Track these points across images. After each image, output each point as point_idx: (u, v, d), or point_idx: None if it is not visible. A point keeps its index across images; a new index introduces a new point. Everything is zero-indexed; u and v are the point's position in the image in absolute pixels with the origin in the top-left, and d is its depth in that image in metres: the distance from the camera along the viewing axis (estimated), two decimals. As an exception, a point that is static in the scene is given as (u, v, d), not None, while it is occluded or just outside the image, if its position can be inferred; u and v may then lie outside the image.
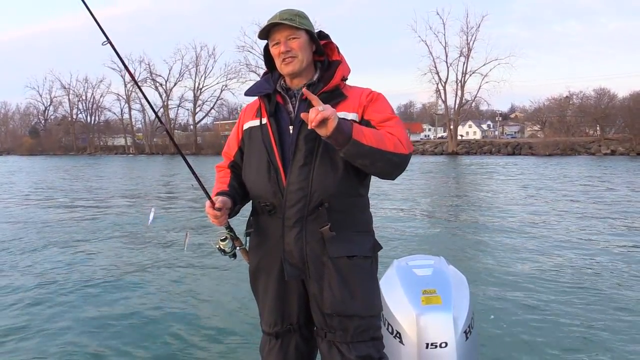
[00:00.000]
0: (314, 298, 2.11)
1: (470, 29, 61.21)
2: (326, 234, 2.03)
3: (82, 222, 11.03)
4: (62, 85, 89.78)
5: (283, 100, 2.14)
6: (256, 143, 2.14)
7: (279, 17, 2.05)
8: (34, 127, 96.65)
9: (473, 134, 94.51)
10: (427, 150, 60.64)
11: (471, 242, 8.27)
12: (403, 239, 8.17)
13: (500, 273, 6.20)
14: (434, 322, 2.45)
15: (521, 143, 56.32)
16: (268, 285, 2.19)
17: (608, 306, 4.89)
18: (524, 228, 9.40)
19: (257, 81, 2.27)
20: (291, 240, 2.07)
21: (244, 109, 2.31)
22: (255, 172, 2.12)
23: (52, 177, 27.74)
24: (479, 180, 22.43)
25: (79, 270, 6.64)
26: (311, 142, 2.02)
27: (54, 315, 4.89)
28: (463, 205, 13.42)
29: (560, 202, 13.33)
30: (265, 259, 2.17)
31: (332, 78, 2.10)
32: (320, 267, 2.06)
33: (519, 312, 4.79)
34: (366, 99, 2.10)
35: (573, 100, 62.89)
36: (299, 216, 2.04)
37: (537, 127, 66.42)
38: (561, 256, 7.03)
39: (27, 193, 18.30)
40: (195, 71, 76.63)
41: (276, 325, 2.19)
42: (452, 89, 63.35)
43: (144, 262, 7.03)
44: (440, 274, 2.69)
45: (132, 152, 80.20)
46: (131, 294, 5.54)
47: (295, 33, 2.06)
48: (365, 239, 2.14)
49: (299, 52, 2.07)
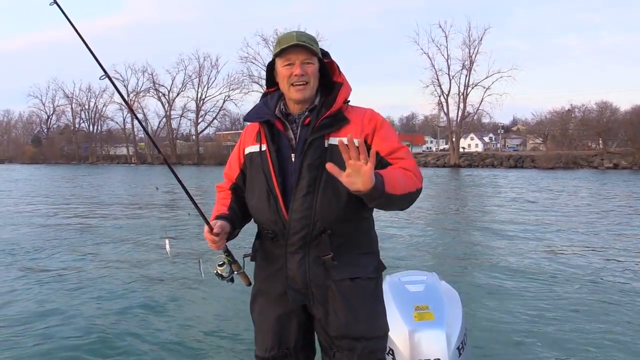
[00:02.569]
0: (319, 322, 2.09)
1: (472, 42, 61.40)
2: (329, 263, 2.01)
3: (91, 229, 11.02)
4: (65, 94, 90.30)
5: (283, 126, 2.09)
6: (257, 170, 2.10)
7: (297, 38, 1.98)
8: (36, 136, 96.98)
9: (475, 146, 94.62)
10: (429, 163, 60.63)
11: (465, 257, 8.19)
12: (396, 253, 8.14)
13: (494, 288, 6.15)
14: (426, 339, 2.43)
15: (523, 156, 56.30)
16: (268, 309, 2.16)
17: (608, 324, 4.83)
18: (520, 243, 9.33)
19: (256, 105, 2.21)
20: (294, 267, 2.05)
21: (246, 129, 2.26)
22: (257, 199, 2.09)
23: (55, 186, 27.76)
24: (478, 193, 22.41)
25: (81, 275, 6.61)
26: (314, 170, 1.98)
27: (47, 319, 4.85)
28: (459, 220, 13.37)
29: (560, 216, 13.29)
30: (267, 282, 2.15)
31: (334, 102, 2.05)
32: (324, 290, 2.05)
33: (513, 328, 4.74)
34: (369, 124, 2.05)
35: (575, 113, 63.03)
36: (301, 243, 2.02)
37: (539, 140, 66.43)
38: (559, 271, 6.96)
39: (30, 200, 18.31)
40: (198, 81, 77.10)
41: (272, 350, 2.14)
42: (454, 102, 63.46)
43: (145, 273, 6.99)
44: (432, 290, 2.66)
45: (134, 161, 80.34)
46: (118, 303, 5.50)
47: (311, 58, 2.02)
48: (369, 260, 2.12)
49: (311, 78, 2.03)
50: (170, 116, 78.45)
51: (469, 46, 61.41)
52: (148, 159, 78.46)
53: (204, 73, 77.01)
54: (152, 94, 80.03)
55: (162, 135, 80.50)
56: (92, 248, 9.03)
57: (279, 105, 2.13)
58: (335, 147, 1.98)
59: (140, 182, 31.44)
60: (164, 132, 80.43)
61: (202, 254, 7.84)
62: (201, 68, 76.61)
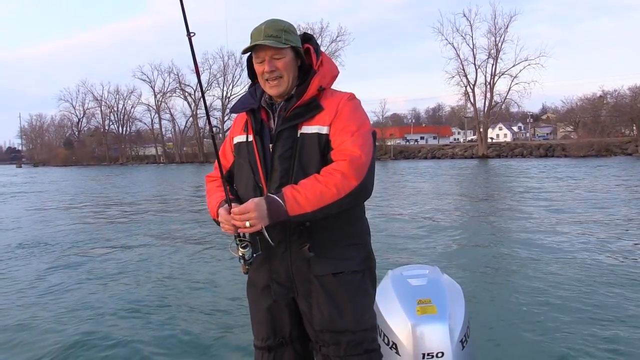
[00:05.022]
0: (305, 315, 2.08)
1: (498, 30, 60.36)
2: (306, 254, 1.98)
3: (128, 227, 11.28)
4: (95, 97, 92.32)
5: (267, 115, 2.08)
6: (243, 160, 2.10)
7: (264, 32, 1.95)
8: (68, 139, 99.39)
9: (504, 136, 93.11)
10: (456, 154, 59.99)
11: (471, 251, 8.01)
12: (403, 247, 8.00)
13: (497, 282, 6.04)
14: (429, 332, 2.40)
15: (554, 145, 55.26)
16: (259, 299, 2.16)
17: (612, 320, 4.61)
18: (532, 235, 9.03)
19: (243, 95, 2.21)
20: (277, 260, 2.04)
21: (235, 119, 2.26)
22: (244, 189, 2.09)
23: (92, 186, 28.58)
24: (498, 184, 21.90)
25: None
26: (286, 161, 1.96)
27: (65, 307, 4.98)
28: (474, 211, 13.03)
29: (581, 205, 12.90)
30: (256, 273, 2.15)
31: (306, 91, 2.00)
32: (307, 285, 2.03)
33: (516, 321, 4.65)
34: (334, 112, 1.97)
35: (607, 99, 61.42)
36: (282, 236, 2.00)
37: (570, 128, 64.98)
38: (568, 264, 6.67)
39: (70, 200, 18.81)
40: (223, 80, 77.83)
41: (268, 339, 2.15)
42: (481, 92, 62.53)
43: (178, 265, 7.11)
44: (435, 283, 2.62)
45: (163, 161, 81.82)
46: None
47: (280, 52, 1.97)
48: (354, 253, 2.07)
49: (284, 72, 1.99)
50: (197, 115, 79.48)
51: (495, 34, 60.49)
52: (176, 158, 79.75)
53: (228, 71, 77.78)
54: (179, 94, 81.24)
55: (190, 134, 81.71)
56: (139, 239, 9.23)
57: (265, 94, 2.11)
58: (307, 137, 1.97)
59: (169, 181, 32.02)
60: (191, 131, 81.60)
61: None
62: (226, 67, 77.44)
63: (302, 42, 2.09)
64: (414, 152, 65.67)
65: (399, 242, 8.52)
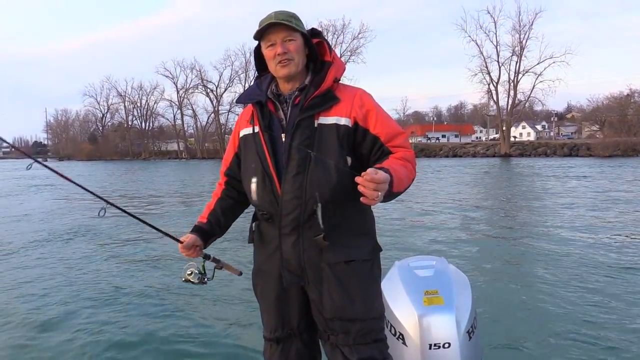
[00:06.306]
0: (314, 303, 2.10)
1: (523, 27, 59.43)
2: (321, 243, 2.00)
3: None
4: (118, 92, 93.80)
5: (274, 106, 2.10)
6: (251, 152, 2.11)
7: (275, 17, 1.98)
8: (92, 134, 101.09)
9: (527, 135, 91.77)
10: (478, 153, 59.30)
11: (481, 243, 8.03)
12: (411, 238, 8.00)
13: (503, 272, 6.07)
14: (436, 323, 2.41)
15: (578, 144, 54.11)
16: (268, 290, 2.18)
17: (618, 314, 4.57)
18: (542, 230, 8.99)
19: (249, 87, 2.22)
20: (288, 248, 2.06)
21: (241, 114, 2.29)
22: (252, 181, 2.10)
23: (117, 180, 29.11)
24: (519, 182, 21.70)
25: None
26: (304, 150, 1.98)
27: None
28: (486, 207, 13.02)
29: (600, 205, 12.63)
30: (265, 264, 2.17)
31: (324, 81, 2.02)
32: (318, 273, 2.05)
33: (523, 312, 4.65)
34: (360, 107, 2.02)
35: (635, 97, 60.06)
36: (294, 224, 2.02)
37: (596, 127, 63.60)
38: (577, 259, 6.63)
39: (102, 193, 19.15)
40: (245, 76, 78.12)
41: (277, 331, 2.18)
42: (504, 89, 61.76)
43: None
44: (441, 274, 2.63)
45: (185, 156, 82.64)
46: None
47: (292, 34, 2.00)
48: (364, 242, 2.11)
49: (295, 54, 2.01)
50: (219, 112, 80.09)
51: (519, 31, 59.57)
52: (197, 153, 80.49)
53: (250, 68, 77.87)
54: (201, 90, 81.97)
55: (211, 130, 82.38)
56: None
57: (271, 86, 2.13)
58: (325, 127, 1.99)
59: (192, 176, 32.43)
60: (213, 127, 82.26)
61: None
62: (247, 63, 77.58)
63: (310, 37, 2.11)
64: (435, 150, 65.15)
65: (407, 233, 8.56)
